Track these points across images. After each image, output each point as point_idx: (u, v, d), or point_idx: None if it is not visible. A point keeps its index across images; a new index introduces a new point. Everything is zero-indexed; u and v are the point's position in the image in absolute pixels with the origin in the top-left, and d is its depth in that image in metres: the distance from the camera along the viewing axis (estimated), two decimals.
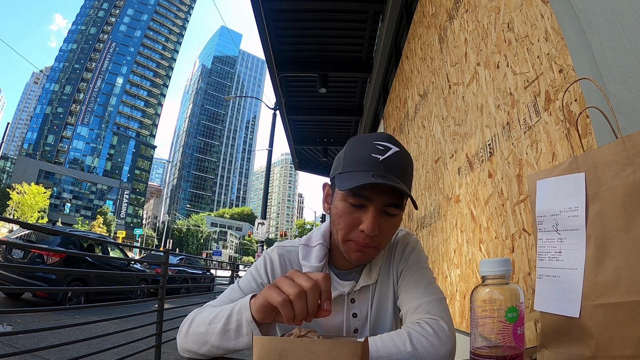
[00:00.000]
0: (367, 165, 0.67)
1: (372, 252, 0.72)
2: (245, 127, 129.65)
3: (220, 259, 29.07)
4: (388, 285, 0.80)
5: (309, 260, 0.78)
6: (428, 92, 2.22)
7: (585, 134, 0.82)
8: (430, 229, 2.13)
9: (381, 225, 0.69)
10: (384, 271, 0.81)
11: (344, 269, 0.80)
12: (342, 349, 0.43)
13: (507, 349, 0.51)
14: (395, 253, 0.82)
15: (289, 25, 3.99)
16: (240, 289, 0.78)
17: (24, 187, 41.31)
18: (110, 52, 74.75)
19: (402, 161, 0.70)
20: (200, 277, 11.19)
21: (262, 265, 0.80)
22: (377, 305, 0.80)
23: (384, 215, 0.70)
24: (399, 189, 0.65)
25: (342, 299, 0.77)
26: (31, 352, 2.66)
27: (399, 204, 0.70)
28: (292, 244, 0.83)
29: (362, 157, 0.69)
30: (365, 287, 0.78)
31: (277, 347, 0.44)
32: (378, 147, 0.69)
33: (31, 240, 5.96)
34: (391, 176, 0.66)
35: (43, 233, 5.84)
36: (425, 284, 0.75)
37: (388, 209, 0.70)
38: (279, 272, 0.79)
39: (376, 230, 0.68)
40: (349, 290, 0.77)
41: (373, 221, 0.67)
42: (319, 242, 0.79)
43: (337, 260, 0.80)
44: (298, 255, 0.80)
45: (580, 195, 0.53)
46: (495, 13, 1.30)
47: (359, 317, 0.78)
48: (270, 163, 11.79)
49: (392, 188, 0.66)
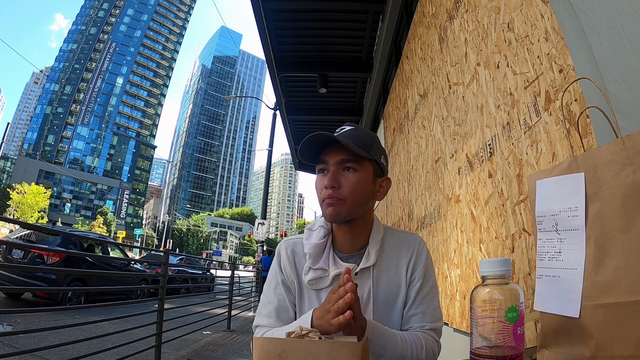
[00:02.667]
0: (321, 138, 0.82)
1: (339, 204, 0.81)
2: (245, 127, 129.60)
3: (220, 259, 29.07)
4: (398, 278, 0.87)
5: (310, 239, 0.87)
6: (428, 92, 2.22)
7: (586, 134, 0.82)
8: (431, 229, 2.13)
9: (341, 180, 0.81)
10: (388, 258, 0.88)
11: (346, 253, 0.87)
12: (342, 350, 0.43)
13: (507, 349, 0.51)
14: (414, 255, 0.89)
15: (289, 25, 3.98)
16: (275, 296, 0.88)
17: (24, 187, 41.31)
18: (110, 52, 74.69)
19: (355, 132, 0.83)
20: (200, 277, 11.19)
21: (276, 263, 0.91)
22: (380, 289, 0.85)
23: (342, 173, 0.82)
24: (326, 135, 0.78)
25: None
26: (31, 352, 2.66)
27: (351, 159, 0.81)
28: (297, 236, 0.94)
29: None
30: (366, 270, 0.85)
31: (277, 348, 0.44)
32: (336, 130, 0.85)
33: (31, 240, 5.96)
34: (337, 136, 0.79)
35: (43, 233, 5.84)
36: (435, 305, 0.88)
37: (345, 165, 0.81)
38: (287, 262, 0.88)
39: (334, 182, 0.80)
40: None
41: (330, 175, 0.80)
42: (320, 225, 0.90)
43: (339, 245, 0.88)
44: (301, 243, 0.89)
45: (580, 195, 0.53)
46: (495, 13, 1.30)
47: (360, 300, 0.82)
48: (270, 163, 11.79)
49: (343, 149, 0.80)
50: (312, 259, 0.84)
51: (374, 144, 0.85)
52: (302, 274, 0.86)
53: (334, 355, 0.42)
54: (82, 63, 71.29)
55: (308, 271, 0.85)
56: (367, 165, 0.83)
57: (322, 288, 0.84)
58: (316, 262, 0.84)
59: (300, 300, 0.86)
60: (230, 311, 5.48)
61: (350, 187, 0.80)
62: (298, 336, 0.49)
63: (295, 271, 0.87)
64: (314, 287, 0.84)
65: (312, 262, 0.84)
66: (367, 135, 0.85)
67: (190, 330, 4.08)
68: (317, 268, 0.84)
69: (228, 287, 5.62)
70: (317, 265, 0.84)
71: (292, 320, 0.85)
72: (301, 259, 0.88)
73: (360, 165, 0.81)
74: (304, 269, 0.86)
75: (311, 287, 0.85)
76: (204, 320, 4.53)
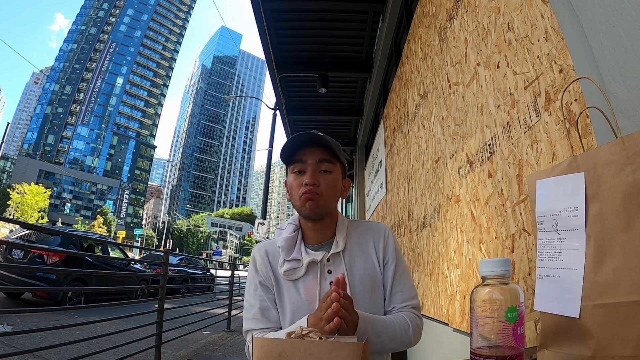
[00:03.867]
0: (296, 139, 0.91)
1: (318, 199, 0.89)
2: (245, 127, 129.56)
3: (220, 259, 29.05)
4: (372, 262, 0.95)
5: (281, 235, 0.95)
6: (428, 92, 2.22)
7: (585, 134, 0.82)
8: (431, 229, 2.13)
9: (319, 180, 0.89)
10: (356, 243, 0.96)
11: (315, 243, 0.95)
12: (342, 351, 0.43)
13: (507, 349, 0.51)
14: (381, 241, 0.97)
15: (289, 25, 3.98)
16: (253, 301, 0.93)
17: (24, 187, 41.30)
18: (110, 52, 74.67)
19: (325, 138, 0.91)
20: (200, 277, 11.19)
21: (252, 267, 0.97)
22: (355, 273, 0.92)
23: (320, 174, 0.90)
24: (312, 135, 0.88)
25: (316, 266, 0.91)
26: (31, 352, 2.66)
27: (329, 159, 0.91)
28: (268, 239, 1.01)
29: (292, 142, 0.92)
30: (336, 256, 0.93)
31: (277, 349, 0.44)
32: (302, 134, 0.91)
33: (31, 240, 5.96)
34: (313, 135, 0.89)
35: (43, 233, 5.84)
36: (410, 284, 0.97)
37: (322, 166, 0.90)
38: (261, 263, 0.95)
39: (315, 180, 0.88)
40: (321, 258, 0.91)
41: (311, 174, 0.89)
42: (289, 222, 0.98)
43: (309, 239, 0.96)
44: (272, 243, 0.97)
45: (580, 195, 0.53)
46: (495, 13, 1.30)
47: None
48: (270, 163, 11.78)
49: (319, 149, 0.89)
50: (285, 251, 0.92)
51: (340, 149, 0.96)
52: (278, 268, 0.92)
53: (334, 356, 0.42)
54: (82, 63, 71.28)
55: (283, 263, 0.91)
56: (338, 167, 0.94)
57: (298, 278, 0.91)
58: (289, 254, 0.92)
59: (280, 294, 0.92)
60: (230, 311, 5.49)
61: (327, 185, 0.90)
62: (298, 336, 0.49)
63: (270, 268, 0.94)
64: (290, 278, 0.91)
65: (285, 254, 0.92)
66: (334, 142, 0.94)
67: (190, 330, 4.08)
68: (291, 259, 0.91)
69: (228, 287, 5.62)
70: (291, 257, 0.91)
71: (276, 318, 0.92)
72: (275, 256, 0.95)
73: (334, 166, 0.93)
74: (278, 262, 0.93)
75: (287, 279, 0.91)
76: (204, 320, 4.54)
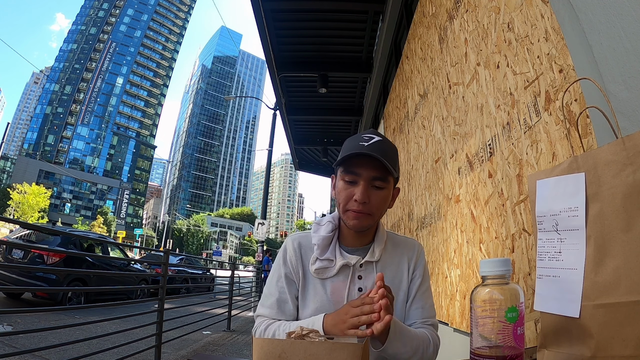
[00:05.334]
0: (355, 149, 0.85)
1: (365, 218, 0.87)
2: (245, 127, 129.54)
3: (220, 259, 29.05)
4: (400, 276, 0.94)
5: (319, 232, 0.92)
6: (428, 92, 2.21)
7: (586, 134, 0.82)
8: (431, 229, 2.13)
9: (371, 196, 0.85)
10: (391, 258, 0.94)
11: (351, 246, 0.93)
12: (342, 351, 0.43)
13: (507, 349, 0.51)
14: (415, 258, 0.97)
15: (289, 25, 3.98)
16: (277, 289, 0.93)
17: (24, 187, 41.29)
18: (110, 52, 74.65)
19: (384, 147, 0.86)
20: (200, 277, 11.19)
21: (281, 257, 0.95)
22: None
23: (372, 189, 0.86)
24: (374, 156, 0.82)
25: (348, 269, 0.90)
26: (31, 352, 2.66)
27: (383, 177, 0.86)
28: (304, 232, 0.98)
29: (351, 146, 0.87)
30: (370, 264, 0.91)
31: (276, 349, 0.44)
32: (364, 138, 0.87)
33: (31, 240, 5.95)
34: (373, 154, 0.83)
35: (43, 233, 5.83)
36: (431, 303, 0.96)
37: (375, 183, 0.86)
38: (293, 256, 0.93)
39: (366, 198, 0.84)
40: (355, 262, 0.90)
41: (363, 191, 0.84)
42: (328, 220, 0.95)
43: (345, 239, 0.94)
44: (308, 237, 0.94)
45: (580, 195, 0.53)
46: (495, 13, 1.30)
47: (364, 292, 0.88)
48: (270, 163, 11.78)
49: (375, 165, 0.84)
50: (320, 249, 0.90)
51: (397, 159, 0.92)
52: (309, 264, 0.91)
53: (334, 356, 0.42)
54: (82, 63, 71.26)
55: (315, 261, 0.90)
56: (391, 181, 0.90)
57: (327, 277, 0.90)
58: (323, 253, 0.90)
59: (305, 289, 0.92)
60: (230, 311, 5.49)
61: (378, 204, 0.87)
62: (298, 336, 0.49)
63: (301, 262, 0.93)
64: (320, 276, 0.90)
65: (319, 253, 0.90)
66: (393, 150, 0.90)
67: (190, 330, 4.08)
68: (324, 258, 0.90)
69: (228, 287, 5.62)
70: (325, 256, 0.90)
71: (292, 312, 0.91)
72: (307, 251, 0.93)
73: (387, 182, 0.87)
74: (310, 259, 0.91)
75: (317, 276, 0.90)
76: (204, 320, 4.53)
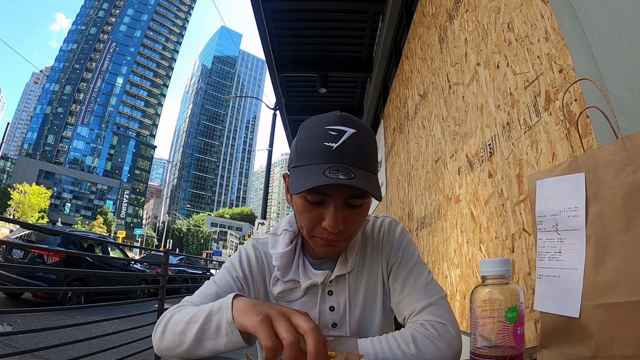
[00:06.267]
0: (320, 158, 0.61)
1: (341, 244, 0.68)
2: (245, 127, 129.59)
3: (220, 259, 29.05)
4: (375, 278, 0.76)
5: (276, 248, 0.75)
6: (428, 92, 2.22)
7: (585, 134, 0.82)
8: (431, 229, 2.13)
9: (346, 218, 0.64)
10: (365, 260, 0.76)
11: (318, 257, 0.76)
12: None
13: (507, 349, 0.51)
14: (383, 244, 0.77)
15: (289, 25, 3.98)
16: (216, 283, 0.73)
17: (24, 187, 41.32)
18: (110, 52, 74.70)
19: (359, 143, 0.62)
20: (200, 277, 11.19)
21: (237, 258, 0.77)
22: (357, 296, 0.75)
23: (347, 208, 0.64)
24: (352, 185, 0.58)
25: (316, 290, 0.73)
26: (31, 352, 2.66)
27: (361, 194, 0.63)
28: (265, 236, 0.80)
29: (314, 148, 0.62)
30: (341, 277, 0.74)
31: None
32: (331, 132, 0.61)
33: (31, 240, 5.95)
34: (346, 167, 0.59)
35: (43, 233, 5.83)
36: (423, 282, 0.72)
37: (351, 201, 0.64)
38: (255, 263, 0.76)
39: (340, 225, 0.63)
40: (323, 280, 0.72)
41: (335, 218, 0.62)
42: (284, 228, 0.77)
43: (311, 249, 0.74)
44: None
45: (580, 195, 0.53)
46: (495, 13, 1.30)
47: (337, 310, 0.73)
48: (270, 163, 11.78)
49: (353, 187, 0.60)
50: (282, 271, 0.73)
51: (377, 152, 0.69)
52: (270, 284, 0.74)
53: None
54: (82, 63, 71.29)
55: (276, 282, 0.73)
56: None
57: (292, 300, 0.73)
58: (286, 274, 0.73)
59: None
60: None
61: (355, 225, 0.68)
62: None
63: (262, 278, 0.75)
64: (283, 300, 0.73)
65: (281, 274, 0.73)
66: (372, 146, 0.66)
67: None
68: (288, 280, 0.72)
69: None
70: (287, 277, 0.72)
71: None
72: (271, 264, 0.75)
73: (365, 198, 0.65)
74: (271, 279, 0.74)
75: (280, 300, 0.73)
76: None
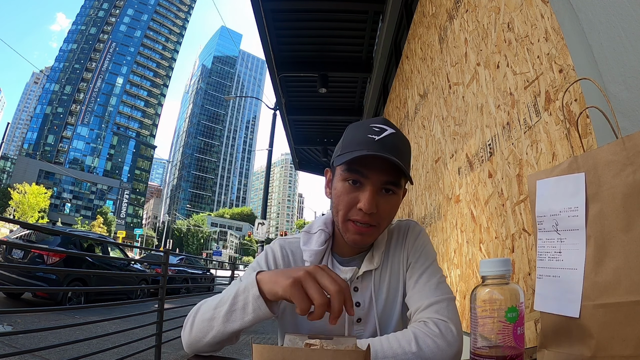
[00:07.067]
0: (363, 145, 0.68)
1: (371, 232, 0.72)
2: (245, 127, 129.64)
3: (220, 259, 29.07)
4: (397, 275, 0.80)
5: (309, 245, 0.79)
6: (428, 92, 2.22)
7: (585, 134, 0.82)
8: (431, 229, 2.13)
9: (379, 204, 0.69)
10: (389, 258, 0.81)
11: (346, 256, 0.80)
12: (344, 359, 0.43)
13: (507, 349, 0.51)
14: (406, 242, 0.81)
15: (289, 25, 3.98)
16: (242, 280, 0.74)
17: (24, 187, 41.33)
18: (110, 52, 74.72)
19: (397, 142, 0.71)
20: (200, 277, 11.19)
21: (264, 257, 0.81)
22: (381, 292, 0.78)
23: (381, 194, 0.70)
24: (392, 160, 0.65)
25: None
26: (31, 352, 2.66)
27: (395, 181, 0.70)
28: (293, 236, 0.85)
29: (358, 138, 0.70)
30: (367, 273, 0.78)
31: (277, 356, 0.44)
32: (374, 129, 0.70)
33: (31, 240, 5.96)
34: (386, 155, 0.66)
35: (43, 233, 5.84)
36: (435, 282, 0.74)
37: (386, 186, 0.70)
38: (281, 262, 0.80)
39: (374, 207, 0.68)
40: (351, 276, 0.76)
41: (370, 198, 0.67)
42: (320, 228, 0.80)
43: (339, 248, 0.80)
44: (299, 244, 0.81)
45: (580, 195, 0.53)
46: (495, 13, 1.30)
47: (362, 306, 0.77)
48: (270, 163, 11.79)
49: (387, 166, 0.68)
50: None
51: (410, 155, 0.77)
52: None
53: None
54: (82, 63, 71.33)
55: None
56: (404, 184, 0.74)
57: None
58: None
59: (289, 305, 0.76)
60: None
61: (387, 213, 0.72)
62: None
63: None
64: None
65: None
66: (407, 146, 0.74)
67: None
68: None
69: None
70: None
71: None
72: (298, 263, 0.80)
73: (399, 187, 0.72)
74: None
75: None
76: None
